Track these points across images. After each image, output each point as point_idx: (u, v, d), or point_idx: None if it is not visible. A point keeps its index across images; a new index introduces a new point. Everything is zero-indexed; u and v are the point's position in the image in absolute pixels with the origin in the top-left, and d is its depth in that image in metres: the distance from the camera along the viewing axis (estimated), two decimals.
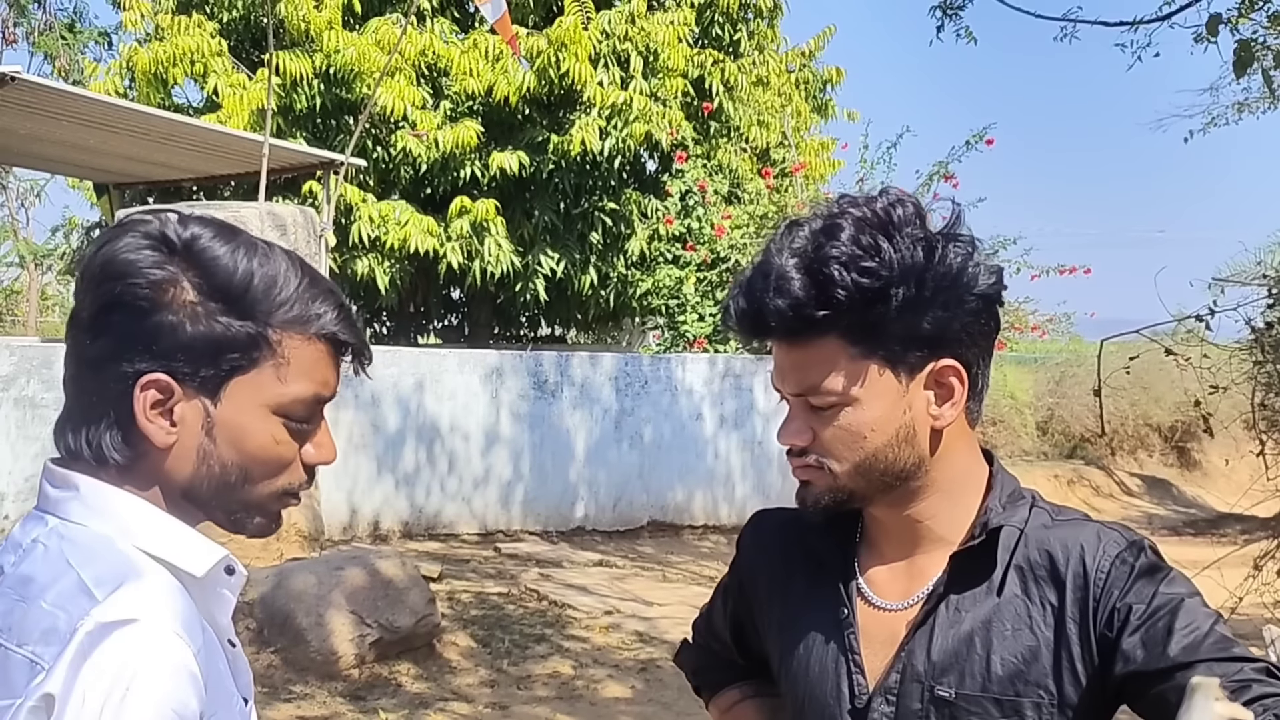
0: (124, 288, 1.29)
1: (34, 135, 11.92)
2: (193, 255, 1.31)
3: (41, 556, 1.28)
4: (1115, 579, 1.47)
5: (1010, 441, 18.95)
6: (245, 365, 1.32)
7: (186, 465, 1.33)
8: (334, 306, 1.37)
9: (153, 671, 1.18)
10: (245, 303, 1.31)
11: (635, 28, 14.49)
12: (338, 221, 13.40)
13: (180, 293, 1.30)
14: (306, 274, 1.37)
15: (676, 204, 13.70)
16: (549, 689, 7.05)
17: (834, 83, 17.36)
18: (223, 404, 1.32)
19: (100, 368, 1.31)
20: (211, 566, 1.33)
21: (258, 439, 1.34)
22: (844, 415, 1.48)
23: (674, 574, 10.12)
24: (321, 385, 1.37)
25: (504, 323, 17.72)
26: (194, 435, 1.32)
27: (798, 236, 1.47)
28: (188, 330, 1.29)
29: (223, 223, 1.37)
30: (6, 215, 26.53)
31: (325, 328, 1.36)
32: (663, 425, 11.51)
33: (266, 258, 1.34)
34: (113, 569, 1.25)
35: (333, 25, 13.96)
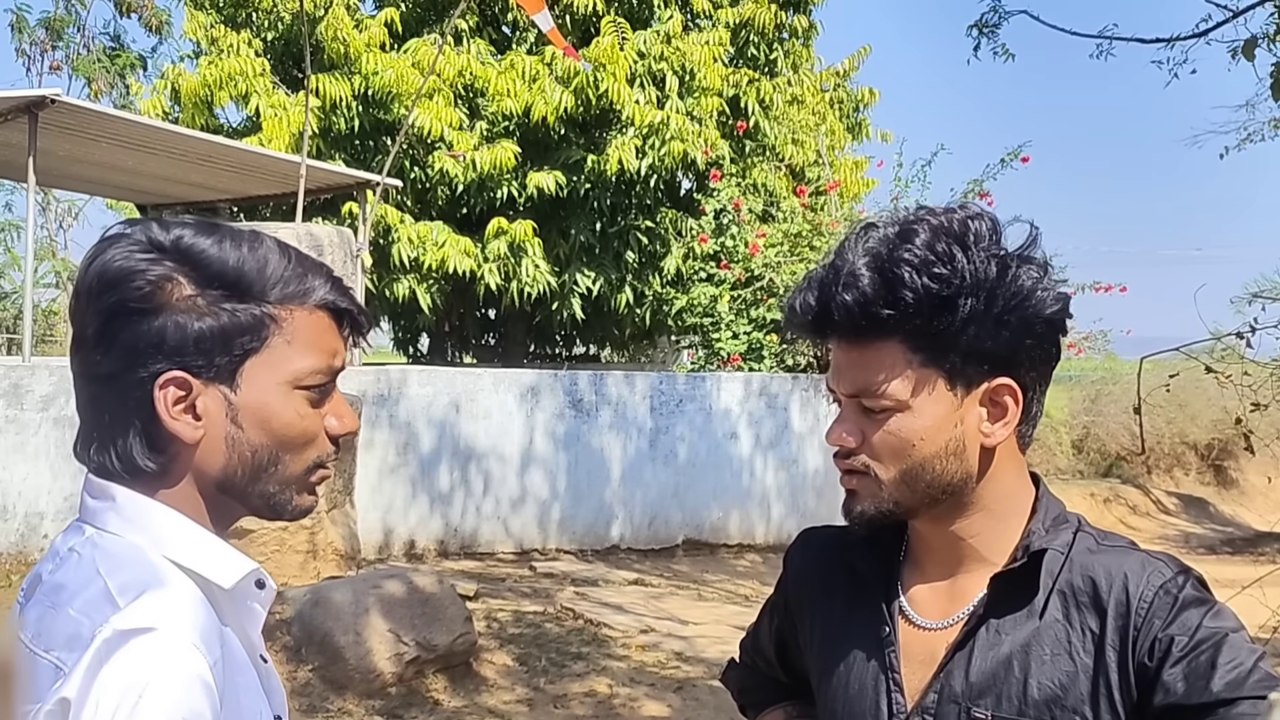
0: (123, 294, 1.32)
1: (73, 157, 12.05)
2: (181, 252, 1.33)
3: (74, 565, 1.31)
4: (1158, 609, 1.46)
5: (1046, 460, 18.86)
6: (256, 346, 1.35)
7: (218, 456, 1.36)
8: (325, 278, 1.41)
9: (166, 680, 1.19)
10: (243, 286, 1.34)
11: (671, 48, 14.55)
12: (376, 242, 13.48)
13: (178, 289, 1.32)
14: (291, 251, 1.40)
15: (711, 222, 13.71)
16: (586, 707, 7.05)
17: (868, 103, 17.37)
18: (242, 389, 1.35)
19: (116, 380, 1.33)
20: (240, 579, 1.35)
21: (283, 416, 1.37)
22: (895, 420, 1.47)
23: (710, 593, 10.11)
24: (331, 354, 1.40)
25: (540, 342, 17.77)
26: (220, 425, 1.35)
27: (872, 238, 1.48)
28: (194, 323, 1.32)
29: (201, 220, 1.39)
30: (45, 236, 26.78)
31: (322, 297, 1.39)
32: (698, 444, 11.51)
33: (252, 242, 1.37)
34: (138, 578, 1.28)
35: (371, 47, 14.06)
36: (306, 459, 1.40)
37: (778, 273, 12.56)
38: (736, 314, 12.85)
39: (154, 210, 15.26)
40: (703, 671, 7.72)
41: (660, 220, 15.05)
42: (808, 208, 13.64)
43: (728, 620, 9.01)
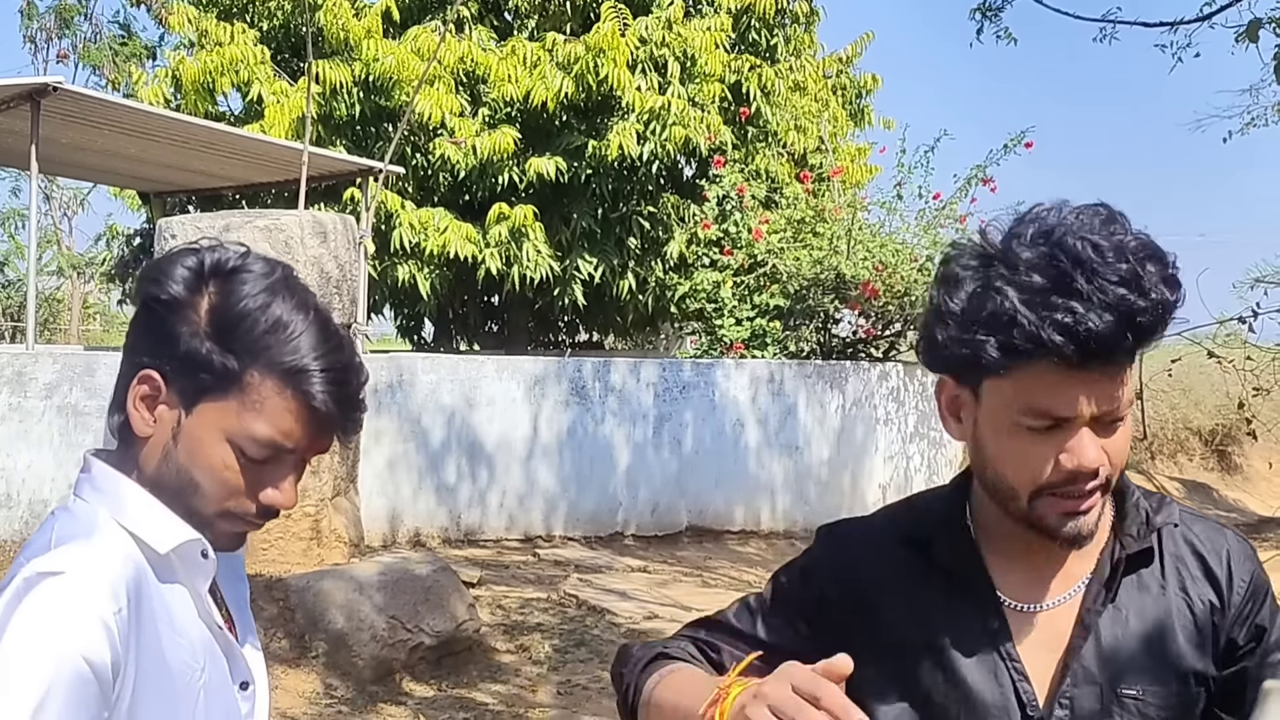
0: (152, 293, 1.48)
1: (76, 145, 12.05)
2: (222, 282, 1.47)
3: (45, 525, 1.48)
4: (1255, 591, 1.55)
5: None
6: (216, 391, 1.46)
7: (154, 459, 1.49)
8: (322, 371, 1.46)
9: (63, 617, 1.34)
10: (233, 337, 1.45)
11: (672, 34, 14.51)
12: (377, 228, 13.46)
13: (192, 311, 1.46)
14: (317, 331, 1.48)
15: (714, 209, 13.69)
16: (589, 692, 7.06)
17: (870, 89, 17.33)
18: (191, 417, 1.47)
19: (127, 354, 1.51)
20: (175, 545, 1.47)
21: (208, 459, 1.47)
22: (1123, 429, 1.47)
23: (714, 579, 10.11)
24: (282, 436, 1.46)
25: (543, 329, 17.77)
26: (165, 434, 1.48)
27: (1118, 261, 1.39)
28: (183, 344, 1.45)
29: (276, 266, 1.51)
30: (50, 224, 26.78)
31: (303, 387, 1.45)
32: (703, 432, 11.50)
33: (284, 307, 1.47)
34: (75, 533, 1.43)
35: (372, 34, 14.03)
36: (223, 505, 1.49)
37: (781, 259, 12.54)
38: (740, 300, 12.84)
39: (157, 198, 15.25)
40: None
41: (662, 206, 15.03)
42: (811, 194, 13.62)
43: None
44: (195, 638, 1.49)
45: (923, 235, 12.70)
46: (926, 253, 12.41)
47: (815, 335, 13.08)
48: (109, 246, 22.93)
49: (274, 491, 1.49)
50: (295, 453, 1.49)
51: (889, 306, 12.43)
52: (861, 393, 12.17)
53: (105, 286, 23.63)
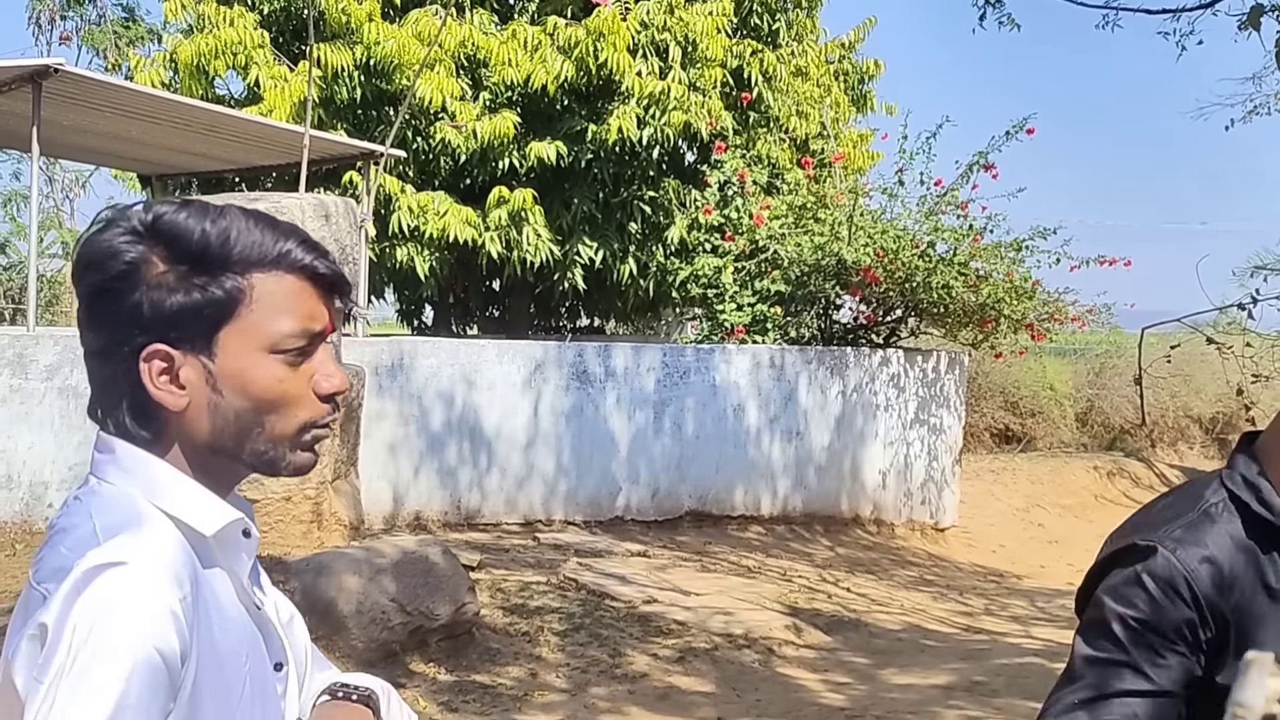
0: (102, 273, 1.41)
1: (77, 127, 12.03)
2: (157, 232, 1.41)
3: (74, 509, 1.42)
4: None
5: (1049, 433, 18.86)
6: (226, 315, 1.41)
7: (203, 422, 1.43)
8: (298, 242, 1.45)
9: (133, 607, 1.29)
10: (208, 259, 1.40)
11: (674, 18, 14.48)
12: (376, 212, 13.46)
13: (151, 267, 1.40)
14: (262, 220, 1.45)
15: (715, 194, 13.67)
16: (587, 674, 7.08)
17: (873, 75, 17.30)
18: (219, 357, 1.42)
19: (106, 355, 1.43)
20: (221, 527, 1.43)
21: (260, 380, 1.43)
22: None
23: (713, 564, 10.13)
24: (307, 318, 1.44)
25: (543, 314, 17.77)
26: (202, 392, 1.42)
27: None
28: (167, 299, 1.39)
29: (185, 200, 1.45)
30: (52, 206, 26.75)
31: (293, 262, 1.44)
32: (703, 416, 11.50)
33: (220, 216, 1.42)
34: (121, 519, 1.37)
35: (373, 17, 14.00)
36: (294, 420, 1.46)
37: (782, 245, 12.53)
38: (741, 286, 12.83)
39: (158, 180, 15.24)
40: (704, 641, 7.75)
41: (663, 191, 15.01)
42: (812, 180, 13.60)
43: (731, 591, 9.04)
44: (239, 622, 1.46)
45: (924, 221, 12.68)
46: (928, 239, 12.40)
47: (816, 321, 13.07)
48: None
49: (324, 378, 1.47)
50: (322, 334, 1.47)
51: (890, 293, 12.43)
52: (862, 378, 12.17)
53: None
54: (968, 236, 12.34)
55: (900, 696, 7.10)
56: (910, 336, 13.74)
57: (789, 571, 10.16)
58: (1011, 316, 12.35)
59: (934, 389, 12.61)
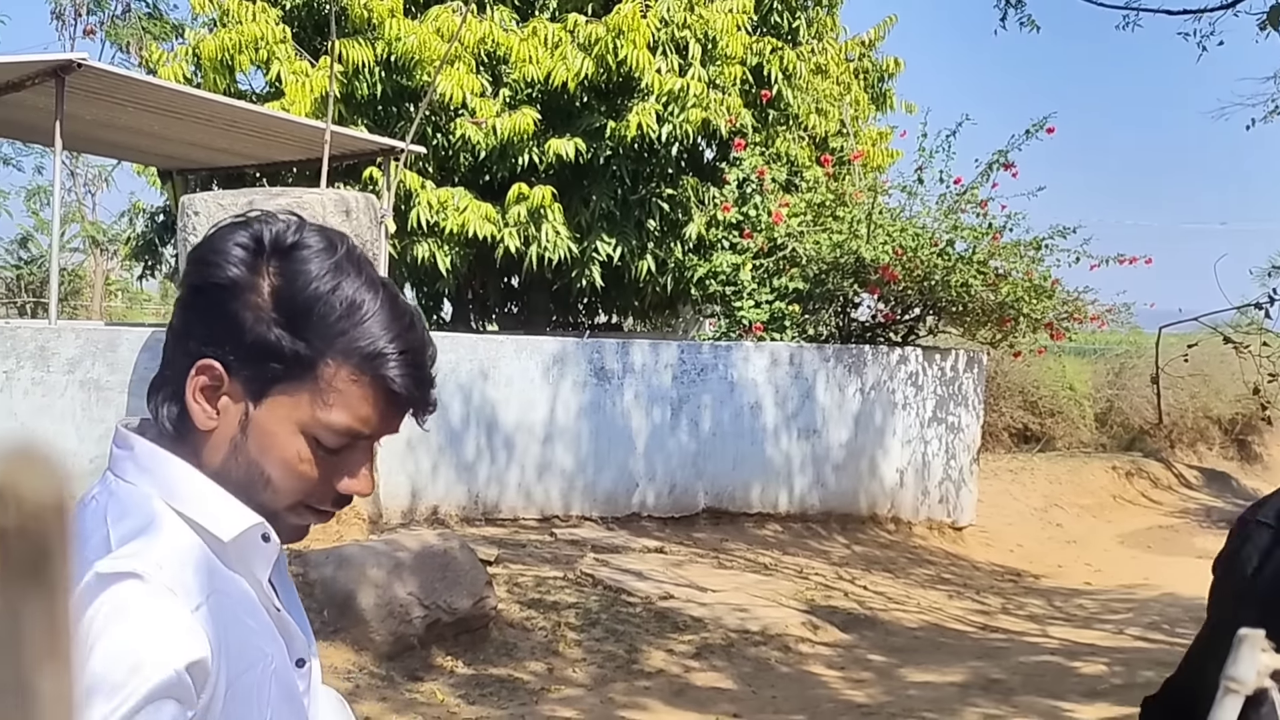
0: (206, 276, 1.38)
1: (100, 121, 12.08)
2: (284, 261, 1.38)
3: (90, 512, 1.37)
4: None
5: (1069, 433, 18.84)
6: (288, 380, 1.37)
7: (220, 452, 1.40)
8: (399, 354, 1.39)
9: (133, 622, 1.24)
10: (305, 323, 1.36)
11: (694, 15, 14.48)
12: (397, 208, 13.49)
13: (253, 294, 1.36)
14: (388, 311, 1.40)
15: (734, 191, 13.68)
16: (604, 669, 7.10)
17: (893, 73, 17.28)
18: (260, 409, 1.38)
19: (177, 341, 1.41)
20: (239, 533, 1.38)
21: (283, 452, 1.39)
22: None
23: (729, 560, 10.14)
24: (360, 422, 1.39)
25: (561, 310, 17.78)
26: (231, 426, 1.39)
27: None
28: (249, 332, 1.36)
29: (333, 239, 1.42)
30: (74, 200, 26.89)
31: (380, 372, 1.38)
32: (721, 413, 11.51)
33: (345, 282, 1.38)
34: (135, 526, 1.33)
35: (394, 13, 14.04)
36: (297, 496, 1.42)
37: (800, 242, 12.53)
38: (759, 283, 12.83)
39: (179, 175, 15.30)
40: (721, 638, 7.76)
41: (682, 188, 15.01)
42: (831, 178, 13.60)
43: (747, 588, 9.05)
44: (261, 623, 1.43)
45: (943, 220, 12.67)
46: (947, 237, 12.39)
47: (835, 319, 13.06)
48: (132, 223, 23.00)
49: (351, 480, 1.44)
50: (371, 437, 1.43)
51: (908, 291, 12.41)
52: (880, 376, 12.17)
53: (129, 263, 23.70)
54: (987, 235, 12.32)
55: (917, 694, 7.11)
56: (929, 335, 13.72)
57: (805, 569, 10.17)
58: (1030, 315, 12.33)
59: (952, 387, 12.60)
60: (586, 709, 6.50)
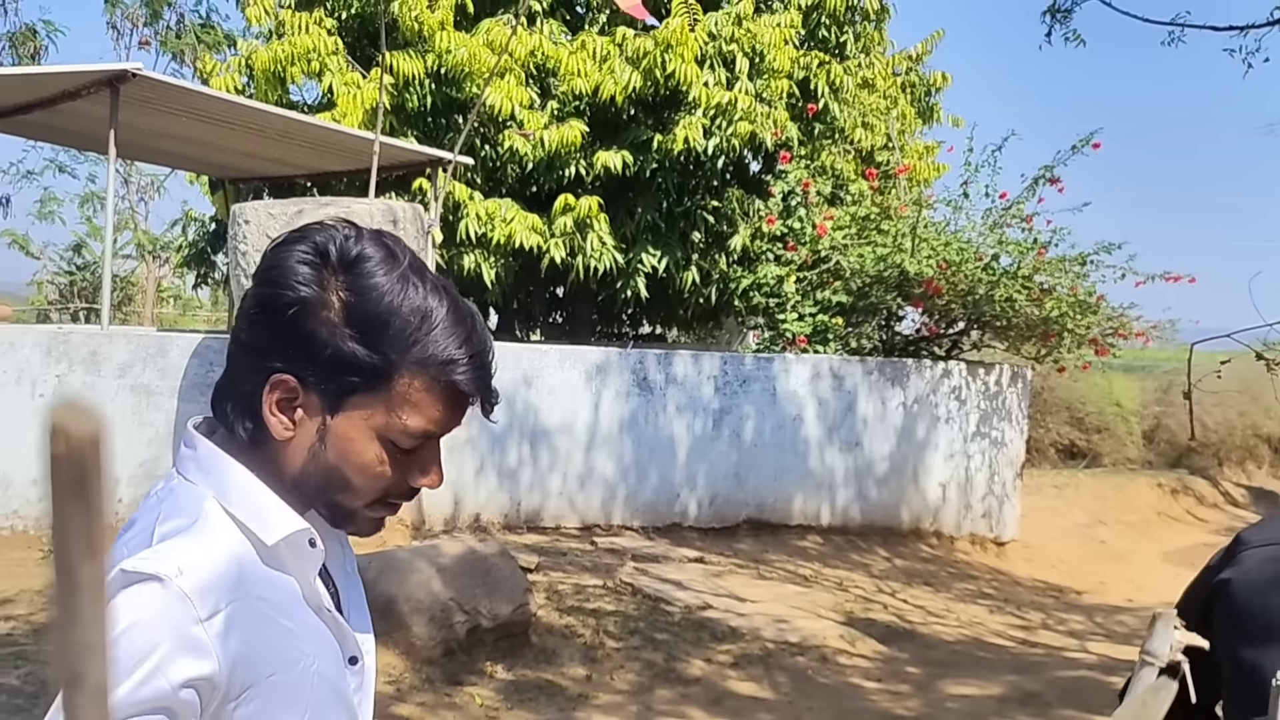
0: (276, 294, 1.43)
1: (154, 131, 12.29)
2: (351, 275, 1.43)
3: (150, 505, 1.46)
4: None
5: (1115, 450, 18.76)
6: (364, 390, 1.43)
7: (298, 460, 1.46)
8: (468, 358, 1.46)
9: (140, 636, 1.29)
10: (380, 336, 1.42)
11: (742, 29, 14.57)
12: (445, 218, 13.63)
13: (325, 310, 1.42)
14: (454, 317, 1.47)
15: (779, 204, 13.74)
16: (642, 677, 7.16)
17: (940, 87, 17.28)
18: (339, 417, 1.45)
19: (247, 355, 1.46)
20: (283, 537, 1.44)
21: (362, 457, 1.46)
22: None
23: (769, 572, 10.18)
24: (432, 423, 1.47)
25: (606, 320, 17.89)
26: (309, 436, 1.45)
27: None
28: (326, 348, 1.41)
29: (391, 247, 1.48)
30: (127, 208, 27.24)
31: (452, 378, 1.45)
32: (763, 425, 11.55)
33: (414, 290, 1.45)
34: (180, 524, 1.40)
35: (445, 26, 14.19)
36: (376, 493, 1.49)
37: (844, 255, 12.56)
38: (802, 295, 12.87)
39: (230, 184, 15.51)
40: (759, 648, 7.81)
41: (727, 201, 15.09)
42: (876, 191, 13.63)
43: (786, 599, 9.09)
44: (304, 624, 1.48)
45: (988, 234, 12.67)
46: (992, 251, 12.40)
47: (878, 332, 13.08)
48: (184, 231, 23.27)
49: (423, 476, 1.51)
50: (440, 434, 1.50)
51: (952, 305, 12.42)
52: (923, 390, 12.17)
53: (180, 270, 23.98)
54: (1032, 250, 12.31)
55: (954, 706, 7.13)
56: (973, 349, 13.71)
57: (845, 581, 10.19)
58: (1075, 331, 12.31)
59: (996, 402, 12.58)
60: (626, 716, 6.56)
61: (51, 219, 27.43)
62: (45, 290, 27.07)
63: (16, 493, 9.47)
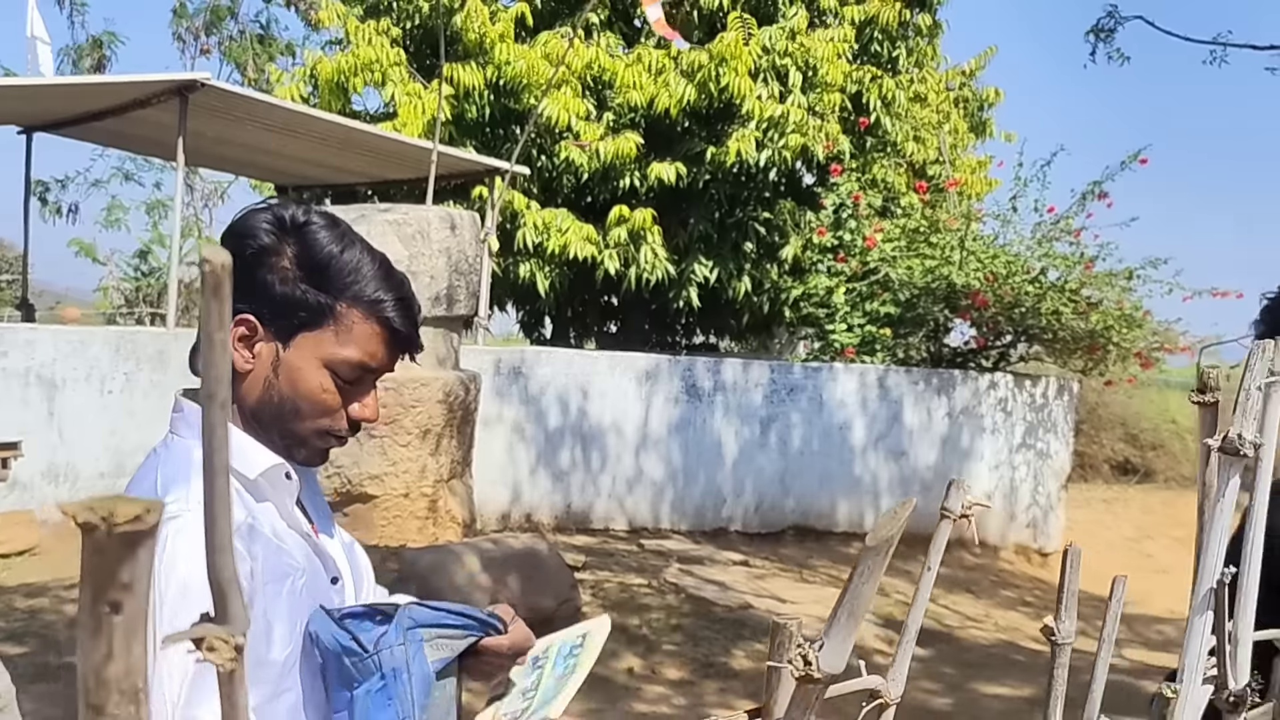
0: (240, 244, 1.73)
1: (220, 138, 12.58)
2: (300, 234, 1.75)
3: (149, 463, 1.76)
4: None
5: (1170, 467, 18.73)
6: (312, 324, 1.74)
7: (255, 390, 1.75)
8: (395, 300, 1.78)
9: (187, 549, 1.58)
10: (323, 278, 1.73)
11: (795, 44, 14.76)
12: (503, 227, 13.90)
13: (278, 258, 1.73)
14: (383, 269, 1.79)
15: (830, 216, 13.92)
16: (683, 671, 7.38)
17: (992, 103, 17.38)
18: (290, 350, 1.74)
19: None
20: (262, 470, 1.74)
21: (309, 383, 1.75)
22: None
23: (811, 576, 10.35)
24: (368, 356, 1.77)
25: (659, 330, 18.08)
26: (264, 368, 1.75)
27: None
28: (276, 288, 1.72)
29: (335, 217, 1.81)
30: (192, 214, 27.66)
31: (381, 313, 1.76)
32: (810, 432, 11.73)
33: (349, 246, 1.77)
34: (179, 472, 1.69)
35: (504, 38, 14.47)
36: (319, 424, 1.79)
37: (893, 267, 12.72)
38: (851, 306, 13.04)
39: (293, 191, 15.85)
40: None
41: (778, 212, 15.27)
42: (927, 204, 13.77)
43: (826, 601, 9.25)
44: (292, 545, 1.75)
45: (1036, 248, 12.79)
46: (1040, 265, 12.51)
47: (925, 344, 13.23)
48: None
49: (361, 406, 1.80)
50: (376, 372, 1.79)
51: (999, 317, 12.54)
52: (969, 401, 12.31)
53: None
54: (1079, 264, 12.42)
55: (987, 706, 7.30)
56: (1020, 362, 13.82)
57: (887, 586, 10.34)
58: (1121, 345, 12.40)
59: (1042, 414, 12.69)
60: (672, 707, 6.78)
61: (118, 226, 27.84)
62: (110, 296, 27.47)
63: (84, 485, 9.80)
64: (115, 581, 0.47)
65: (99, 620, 0.47)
